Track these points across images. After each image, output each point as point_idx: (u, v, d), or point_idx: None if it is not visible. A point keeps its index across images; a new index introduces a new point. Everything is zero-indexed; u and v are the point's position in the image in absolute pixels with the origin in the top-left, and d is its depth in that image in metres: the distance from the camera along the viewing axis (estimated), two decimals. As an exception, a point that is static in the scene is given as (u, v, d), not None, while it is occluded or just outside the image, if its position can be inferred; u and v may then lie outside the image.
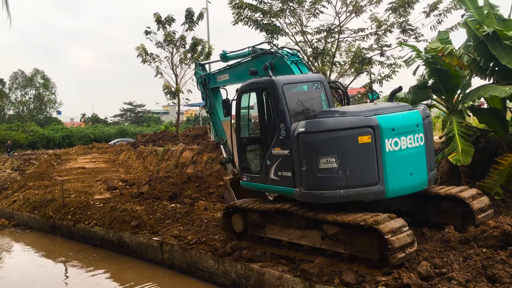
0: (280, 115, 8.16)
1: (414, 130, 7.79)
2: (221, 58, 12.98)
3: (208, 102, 13.14)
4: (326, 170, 7.37)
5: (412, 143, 7.73)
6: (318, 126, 7.50)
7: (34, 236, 15.77)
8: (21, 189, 20.59)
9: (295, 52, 10.17)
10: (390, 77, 20.44)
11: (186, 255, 10.06)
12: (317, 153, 7.41)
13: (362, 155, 7.32)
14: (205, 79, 12.82)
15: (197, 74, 13.45)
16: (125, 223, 12.33)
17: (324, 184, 7.40)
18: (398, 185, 7.56)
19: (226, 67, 12.05)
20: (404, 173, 7.63)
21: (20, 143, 54.59)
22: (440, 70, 11.02)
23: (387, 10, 19.31)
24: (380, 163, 7.35)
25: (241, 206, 9.32)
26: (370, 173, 7.35)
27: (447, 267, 6.66)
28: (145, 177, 20.98)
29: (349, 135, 7.32)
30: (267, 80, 8.57)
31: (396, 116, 7.77)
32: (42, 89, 74.53)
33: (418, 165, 7.88)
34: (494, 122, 10.65)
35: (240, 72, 11.29)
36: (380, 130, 7.33)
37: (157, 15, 27.90)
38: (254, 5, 19.34)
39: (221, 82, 12.39)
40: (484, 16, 10.67)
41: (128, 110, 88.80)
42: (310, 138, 7.50)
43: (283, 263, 8.13)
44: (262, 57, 10.32)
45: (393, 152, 7.45)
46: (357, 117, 7.50)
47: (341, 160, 7.31)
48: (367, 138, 7.30)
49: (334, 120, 7.48)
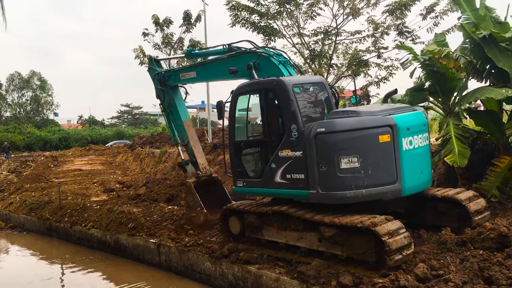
0: (291, 116, 7.98)
1: (422, 130, 8.04)
2: (186, 55, 12.40)
3: (166, 101, 12.33)
4: (348, 170, 7.35)
5: (422, 142, 7.94)
6: (339, 126, 7.45)
7: (30, 238, 15.72)
8: (18, 191, 20.53)
9: (280, 53, 9.80)
10: (387, 79, 20.47)
11: (183, 257, 10.04)
12: (338, 153, 7.36)
13: (382, 154, 7.40)
14: (164, 75, 12.14)
15: (152, 70, 12.61)
16: (122, 225, 12.30)
17: (346, 184, 7.37)
18: (413, 183, 7.72)
19: (193, 64, 11.48)
20: (417, 172, 7.81)
21: (17, 145, 54.41)
22: (437, 72, 11.06)
23: (384, 12, 19.36)
24: (398, 162, 7.45)
25: (238, 208, 9.30)
26: (390, 171, 7.44)
27: (444, 269, 6.68)
28: (142, 179, 20.95)
29: (371, 134, 7.38)
30: (274, 81, 8.36)
31: (409, 115, 7.94)
32: (39, 91, 74.29)
33: (426, 164, 8.12)
34: (490, 124, 10.68)
35: (213, 70, 10.80)
36: (398, 129, 7.44)
37: (155, 17, 27.94)
38: (251, 7, 19.36)
39: (185, 80, 11.79)
40: (481, 19, 10.70)
41: (125, 112, 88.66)
42: (331, 138, 7.44)
43: (280, 265, 8.13)
44: (241, 56, 9.89)
45: (408, 151, 7.60)
46: (376, 116, 7.57)
47: (363, 159, 7.33)
48: (387, 137, 7.39)
49: (355, 119, 7.48)
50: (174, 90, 12.37)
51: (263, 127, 8.71)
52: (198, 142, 12.79)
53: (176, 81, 12.05)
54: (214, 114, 24.45)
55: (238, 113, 9.20)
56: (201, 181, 12.14)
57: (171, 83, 12.13)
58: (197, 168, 12.26)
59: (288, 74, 9.00)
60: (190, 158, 12.46)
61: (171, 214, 12.76)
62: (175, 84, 12.21)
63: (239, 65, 9.72)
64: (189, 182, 11.93)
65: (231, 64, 9.95)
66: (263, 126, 8.71)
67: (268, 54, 9.43)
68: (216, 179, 12.60)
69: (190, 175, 12.29)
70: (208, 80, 11.02)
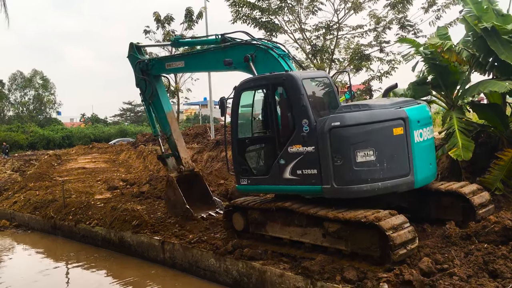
0: (302, 111, 7.89)
1: (429, 123, 8.20)
2: (173, 44, 12.05)
3: (148, 90, 11.81)
4: (364, 164, 7.37)
5: (429, 134, 8.06)
6: (354, 120, 7.45)
7: (35, 237, 15.78)
8: (22, 190, 20.59)
9: (279, 46, 9.62)
10: (390, 74, 20.40)
11: (187, 254, 10.06)
12: (354, 146, 7.37)
13: (396, 147, 7.47)
14: (147, 64, 11.70)
15: (133, 57, 12.08)
16: (126, 223, 12.32)
17: (362, 177, 7.38)
18: (423, 175, 7.81)
19: (182, 54, 11.07)
20: (426, 164, 7.92)
21: (20, 144, 54.57)
22: (439, 66, 11.03)
23: (386, 6, 19.28)
24: (410, 154, 7.53)
25: (241, 204, 9.30)
26: (403, 164, 7.50)
27: (449, 263, 6.67)
28: (145, 176, 20.97)
29: (385, 127, 7.43)
30: (283, 75, 8.24)
31: (417, 108, 8.01)
32: (41, 90, 74.49)
33: (432, 156, 8.24)
34: (494, 117, 10.65)
35: (204, 61, 10.58)
36: (410, 122, 7.51)
37: (156, 14, 27.93)
38: (252, 3, 19.30)
39: (171, 70, 11.48)
40: (483, 12, 10.65)
41: (128, 109, 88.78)
42: (346, 132, 7.43)
43: (284, 260, 8.13)
44: (238, 47, 9.67)
45: (419, 143, 7.69)
46: (389, 109, 7.62)
47: (379, 152, 7.37)
48: (400, 130, 7.46)
49: (368, 113, 7.50)
50: (157, 79, 11.98)
51: (270, 123, 8.51)
52: (181, 136, 12.57)
53: (161, 71, 11.69)
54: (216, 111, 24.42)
55: (241, 109, 9.06)
56: (183, 176, 11.99)
57: (155, 72, 11.73)
58: (180, 163, 12.05)
59: (287, 68, 8.87)
60: (172, 151, 12.20)
61: (175, 211, 12.75)
62: (158, 74, 11.85)
63: (234, 56, 9.51)
64: (171, 177, 11.80)
65: (226, 55, 9.71)
66: (270, 122, 8.50)
67: (266, 47, 9.27)
68: (197, 174, 12.52)
69: (171, 169, 12.11)
70: (198, 70, 10.76)
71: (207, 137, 28.83)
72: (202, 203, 12.23)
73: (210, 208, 12.14)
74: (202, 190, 12.39)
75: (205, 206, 12.19)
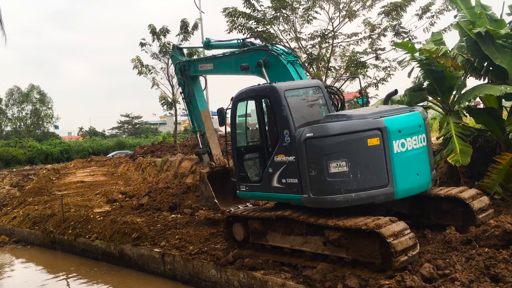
0: (284, 122, 8.08)
1: (418, 131, 7.95)
2: (204, 46, 12.59)
3: (186, 90, 12.73)
4: (337, 174, 7.37)
5: (416, 143, 7.86)
6: (327, 131, 7.48)
7: (35, 252, 15.71)
8: (21, 205, 20.51)
9: (290, 51, 9.94)
10: (386, 80, 20.47)
11: (188, 266, 10.03)
12: (327, 157, 7.40)
13: (371, 158, 7.39)
14: (185, 65, 12.41)
15: (175, 58, 13.00)
16: (126, 236, 12.29)
17: (335, 188, 7.39)
18: (407, 186, 7.66)
19: (211, 56, 11.71)
20: (411, 174, 7.74)
21: (19, 159, 54.40)
22: (435, 71, 11.08)
23: (380, 14, 19.40)
24: (389, 165, 7.42)
25: (241, 214, 9.30)
26: (380, 175, 7.42)
27: (450, 268, 6.66)
28: (144, 188, 20.92)
29: (359, 138, 7.38)
30: (267, 87, 8.50)
31: (401, 117, 7.89)
32: (38, 105, 74.38)
33: (422, 166, 8.03)
34: (490, 121, 10.68)
35: (227, 64, 10.96)
36: (388, 132, 7.42)
37: (151, 26, 27.97)
38: (247, 13, 19.42)
39: (203, 71, 12.01)
40: (476, 17, 10.74)
41: (126, 122, 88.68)
42: (319, 143, 7.49)
43: (285, 270, 8.11)
44: (253, 52, 10.02)
45: (400, 154, 7.55)
46: (365, 119, 7.56)
47: (352, 163, 7.33)
48: (376, 140, 7.38)
49: (342, 123, 7.50)
50: (194, 80, 12.67)
51: (260, 132, 8.82)
52: (214, 133, 13.21)
53: (195, 72, 12.34)
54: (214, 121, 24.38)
55: (238, 119, 9.33)
56: (215, 172, 12.41)
57: (191, 73, 12.43)
58: (212, 159, 12.54)
59: (295, 74, 9.21)
60: (205, 148, 12.74)
61: (174, 223, 12.73)
62: (194, 75, 12.46)
63: (250, 61, 9.87)
64: (203, 172, 12.31)
65: (243, 60, 10.12)
66: (260, 132, 8.82)
67: (277, 53, 9.54)
68: (230, 170, 12.76)
69: (206, 165, 12.61)
70: (222, 73, 11.38)
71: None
72: (233, 197, 12.44)
73: (240, 202, 12.43)
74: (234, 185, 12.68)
75: (236, 200, 12.34)
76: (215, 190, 11.85)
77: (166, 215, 13.96)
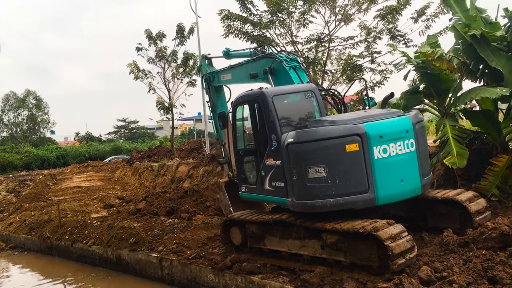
0: (271, 126, 8.24)
1: (404, 136, 7.76)
2: (224, 55, 12.83)
3: (211, 100, 13.05)
4: (315, 180, 7.43)
5: (402, 149, 7.70)
6: (306, 136, 7.59)
7: (32, 258, 15.64)
8: (17, 211, 20.44)
9: (294, 57, 10.09)
10: (382, 84, 20.53)
11: (186, 270, 10.00)
12: (306, 162, 7.48)
13: (350, 164, 7.36)
14: (210, 76, 12.71)
15: (203, 67, 13.31)
16: (123, 241, 12.25)
17: (314, 193, 7.46)
18: (389, 192, 7.55)
19: (229, 66, 11.95)
20: (394, 180, 7.62)
21: (15, 165, 54.22)
22: (431, 74, 11.11)
23: (376, 17, 19.46)
24: (369, 171, 7.38)
25: (239, 218, 9.30)
26: (359, 181, 7.38)
27: (448, 270, 6.66)
28: (141, 193, 20.89)
29: (337, 144, 7.37)
30: (257, 93, 8.67)
31: (384, 123, 7.77)
32: (34, 110, 74.28)
33: (409, 171, 7.85)
34: (486, 123, 10.72)
35: (241, 73, 11.23)
36: (368, 138, 7.37)
37: (148, 31, 27.99)
38: (243, 17, 19.45)
39: (224, 81, 12.27)
40: (472, 20, 10.78)
41: (122, 126, 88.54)
42: (299, 148, 7.59)
43: (283, 274, 8.10)
44: (262, 60, 10.25)
45: (382, 159, 7.47)
46: (344, 125, 7.54)
47: (330, 169, 7.36)
48: (354, 146, 7.35)
49: (321, 129, 7.54)
50: (218, 90, 12.85)
51: (253, 136, 9.01)
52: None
53: (219, 82, 12.53)
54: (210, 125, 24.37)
55: (238, 122, 9.54)
56: (231, 181, 12.47)
57: (215, 83, 12.65)
58: (230, 169, 12.61)
59: (297, 78, 9.35)
60: (226, 158, 12.85)
61: (171, 228, 12.71)
62: (218, 85, 12.66)
63: (258, 69, 10.09)
64: (220, 182, 12.51)
65: (252, 68, 10.36)
66: (253, 136, 9.00)
67: (280, 60, 9.71)
68: None
69: (225, 174, 12.82)
70: (240, 82, 11.58)
71: (202, 152, 28.79)
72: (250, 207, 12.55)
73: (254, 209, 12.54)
74: None
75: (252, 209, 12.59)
76: (232, 199, 12.01)
77: (163, 219, 13.94)
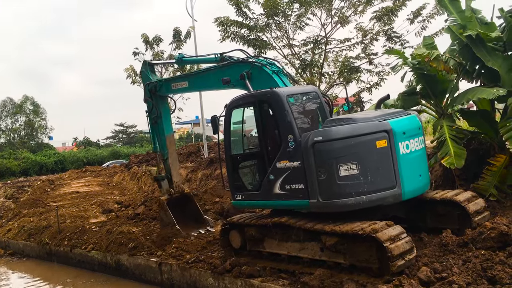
0: (288, 127, 8.03)
1: (418, 133, 8.10)
2: (177, 61, 12.32)
3: (154, 111, 12.11)
4: (348, 177, 7.37)
5: (418, 145, 7.99)
6: (336, 134, 7.47)
7: (31, 264, 15.59)
8: (16, 217, 20.36)
9: (273, 62, 9.80)
10: (379, 85, 20.57)
11: (185, 275, 9.98)
12: (336, 160, 7.39)
13: (380, 160, 7.45)
14: (156, 85, 11.88)
15: (145, 76, 12.34)
16: (122, 246, 12.23)
17: (346, 191, 7.39)
18: (412, 187, 7.77)
19: (186, 74, 11.53)
20: (415, 175, 7.86)
21: (13, 171, 54.10)
22: (428, 75, 11.14)
23: (372, 19, 19.52)
24: (396, 166, 7.50)
25: (238, 221, 9.28)
26: (389, 176, 7.49)
27: (447, 271, 6.67)
28: (140, 197, 20.83)
29: (368, 140, 7.43)
30: (268, 92, 8.42)
31: (403, 120, 8.00)
32: (32, 116, 74.18)
33: (423, 167, 8.17)
34: (483, 124, 10.75)
35: (205, 80, 10.77)
36: (394, 134, 7.51)
37: (144, 35, 28.04)
38: (239, 21, 19.47)
39: (177, 90, 11.70)
40: (467, 20, 10.81)
41: (120, 131, 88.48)
42: (328, 147, 7.47)
43: (283, 277, 8.09)
44: (234, 65, 9.89)
45: (405, 155, 7.65)
46: (372, 122, 7.62)
47: (362, 165, 7.36)
48: (384, 142, 7.44)
49: (351, 126, 7.52)
50: (163, 100, 12.29)
51: (259, 139, 8.71)
52: (176, 160, 12.92)
53: (168, 91, 11.93)
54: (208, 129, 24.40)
55: (233, 126, 9.23)
56: (174, 198, 12.42)
57: (163, 93, 11.96)
58: (171, 186, 12.48)
59: (282, 84, 9.07)
60: (166, 174, 12.58)
61: (171, 232, 12.66)
62: (165, 95, 12.13)
63: (232, 75, 9.71)
64: (162, 200, 12.27)
65: (224, 73, 9.94)
66: (259, 138, 8.70)
67: (261, 64, 9.44)
68: (188, 196, 12.96)
69: (164, 191, 12.50)
70: (200, 89, 11.06)
71: (200, 156, 28.77)
72: (195, 222, 12.68)
73: (201, 226, 12.51)
74: (194, 211, 12.88)
75: (197, 225, 12.60)
76: (175, 216, 11.92)
77: (162, 224, 13.88)
